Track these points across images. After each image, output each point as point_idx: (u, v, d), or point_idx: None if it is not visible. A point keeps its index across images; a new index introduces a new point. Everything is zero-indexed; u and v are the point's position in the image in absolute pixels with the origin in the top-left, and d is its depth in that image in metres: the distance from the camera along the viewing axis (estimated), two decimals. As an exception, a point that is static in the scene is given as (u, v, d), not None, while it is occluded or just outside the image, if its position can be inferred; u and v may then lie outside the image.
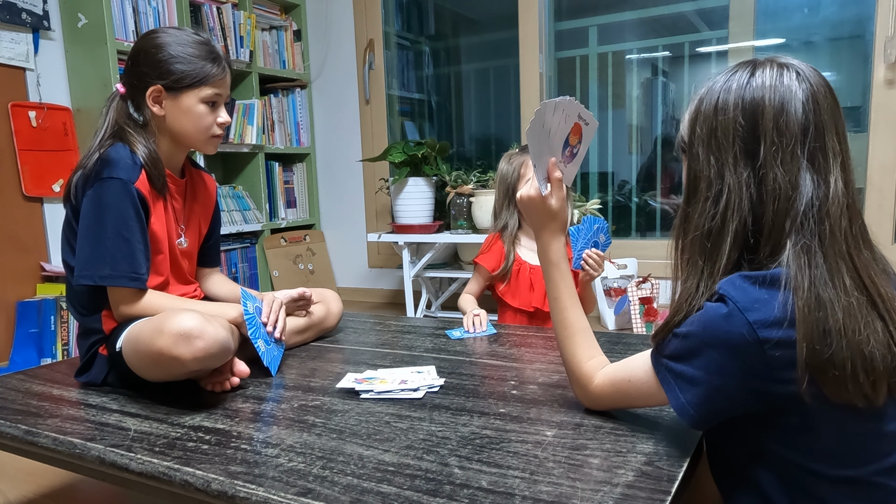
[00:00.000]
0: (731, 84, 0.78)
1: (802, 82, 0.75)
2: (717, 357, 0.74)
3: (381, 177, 3.48)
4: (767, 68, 0.77)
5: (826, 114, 0.74)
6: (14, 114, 2.53)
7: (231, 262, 3.31)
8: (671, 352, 0.79)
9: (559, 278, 1.01)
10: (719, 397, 0.75)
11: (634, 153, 3.25)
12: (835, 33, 2.73)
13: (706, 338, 0.75)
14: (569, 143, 1.02)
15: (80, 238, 1.24)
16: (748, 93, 0.76)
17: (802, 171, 0.73)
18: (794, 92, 0.74)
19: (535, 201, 1.00)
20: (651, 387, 0.83)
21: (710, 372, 0.75)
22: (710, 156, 0.78)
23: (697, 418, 0.77)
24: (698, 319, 0.76)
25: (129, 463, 0.91)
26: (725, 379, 0.74)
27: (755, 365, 0.71)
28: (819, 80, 0.76)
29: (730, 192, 0.76)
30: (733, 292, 0.73)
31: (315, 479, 0.82)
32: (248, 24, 3.26)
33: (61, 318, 2.56)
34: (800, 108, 0.74)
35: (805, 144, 0.74)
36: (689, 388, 0.77)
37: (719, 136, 0.77)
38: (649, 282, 2.72)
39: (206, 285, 1.56)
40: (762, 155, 0.74)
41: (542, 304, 1.74)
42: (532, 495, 0.75)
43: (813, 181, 0.73)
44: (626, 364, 0.89)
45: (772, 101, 0.74)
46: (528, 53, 3.16)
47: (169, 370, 1.12)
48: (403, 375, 1.21)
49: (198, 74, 1.29)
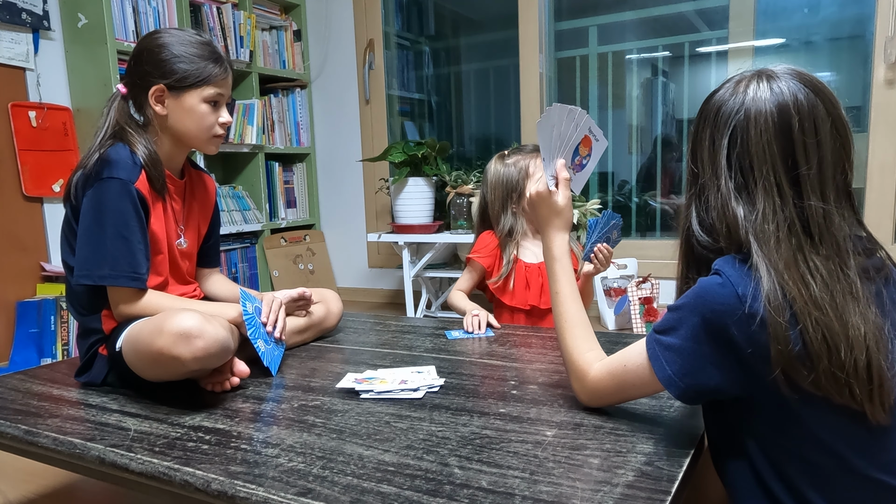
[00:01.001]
0: (724, 92, 0.82)
1: (766, 103, 0.77)
2: (706, 325, 0.76)
3: (381, 177, 3.48)
4: (752, 82, 0.80)
5: (777, 144, 0.76)
6: (14, 114, 2.53)
7: (231, 262, 3.31)
8: (662, 325, 0.82)
9: (562, 273, 1.04)
10: (706, 366, 0.77)
11: (634, 153, 3.25)
12: (835, 33, 2.73)
13: (697, 304, 0.77)
14: (578, 153, 1.08)
15: (80, 238, 1.24)
16: (728, 106, 0.80)
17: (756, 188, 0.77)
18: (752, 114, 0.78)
19: (542, 196, 1.05)
20: (645, 369, 0.84)
21: (697, 341, 0.77)
22: (700, 160, 0.83)
23: (684, 389, 0.79)
24: (692, 291, 0.79)
25: (129, 463, 0.91)
26: (712, 349, 0.76)
27: (740, 336, 0.73)
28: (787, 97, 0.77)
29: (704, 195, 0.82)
30: (728, 269, 0.76)
31: (315, 479, 0.82)
32: (248, 24, 3.26)
33: (61, 318, 2.56)
34: (752, 129, 0.77)
35: (752, 164, 0.78)
36: (676, 359, 0.79)
37: (716, 141, 0.81)
38: (649, 282, 2.72)
39: (206, 285, 1.56)
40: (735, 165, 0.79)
41: (539, 302, 1.73)
42: (532, 495, 0.75)
43: (749, 202, 0.78)
44: (623, 352, 0.90)
45: (745, 117, 0.78)
46: (528, 53, 3.16)
47: (169, 370, 1.12)
48: (403, 375, 1.21)
49: (200, 74, 1.30)
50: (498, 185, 1.75)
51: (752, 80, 0.80)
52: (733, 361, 0.75)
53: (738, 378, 0.76)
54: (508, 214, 1.76)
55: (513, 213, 1.76)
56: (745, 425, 0.79)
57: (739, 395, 0.78)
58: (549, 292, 1.06)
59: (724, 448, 0.84)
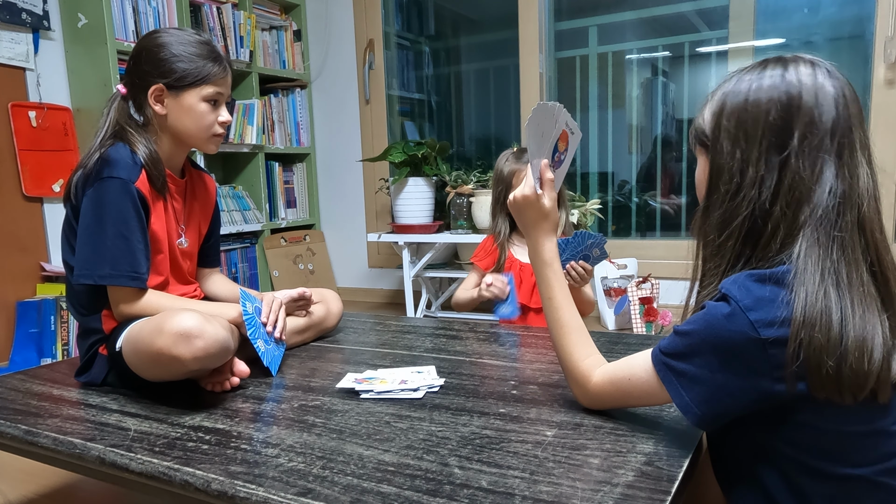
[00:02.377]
0: (762, 79, 0.78)
1: (832, 79, 0.76)
2: (719, 356, 0.74)
3: (381, 177, 3.48)
4: (801, 65, 0.77)
5: (854, 110, 0.76)
6: (14, 114, 2.53)
7: (231, 262, 3.31)
8: (673, 350, 0.80)
9: (552, 277, 1.01)
10: (722, 395, 0.75)
11: (634, 153, 3.25)
12: (835, 33, 2.73)
13: (708, 337, 0.75)
14: (557, 149, 1.04)
15: (81, 237, 1.24)
16: (783, 87, 0.76)
17: (827, 165, 0.74)
18: (826, 88, 0.75)
19: (529, 200, 1.01)
20: (652, 385, 0.83)
21: (712, 370, 0.75)
22: (737, 149, 0.78)
23: (702, 416, 0.77)
24: (700, 318, 0.76)
25: (129, 463, 0.91)
26: (728, 378, 0.74)
27: (757, 364, 0.72)
28: (844, 78, 0.77)
29: (750, 186, 0.77)
30: (736, 291, 0.73)
31: (315, 479, 0.82)
32: (248, 24, 3.26)
33: (61, 318, 2.56)
34: (832, 103, 0.75)
35: (833, 139, 0.74)
36: (692, 386, 0.77)
37: (749, 129, 0.77)
38: (649, 282, 2.72)
39: (206, 285, 1.56)
40: (790, 148, 0.75)
41: (529, 301, 1.75)
42: (532, 495, 0.75)
43: (836, 175, 0.74)
44: (626, 362, 0.88)
45: (808, 96, 0.75)
46: (528, 53, 3.16)
47: (169, 370, 1.12)
48: (403, 375, 1.21)
49: (200, 73, 1.30)
50: (495, 185, 1.80)
51: (792, 63, 0.77)
52: (749, 387, 0.73)
53: (756, 398, 0.74)
54: (502, 215, 1.79)
55: (504, 216, 1.79)
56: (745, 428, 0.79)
57: (755, 411, 0.76)
58: (541, 297, 1.03)
59: (736, 469, 0.83)
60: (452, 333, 1.57)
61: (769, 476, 0.77)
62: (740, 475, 0.81)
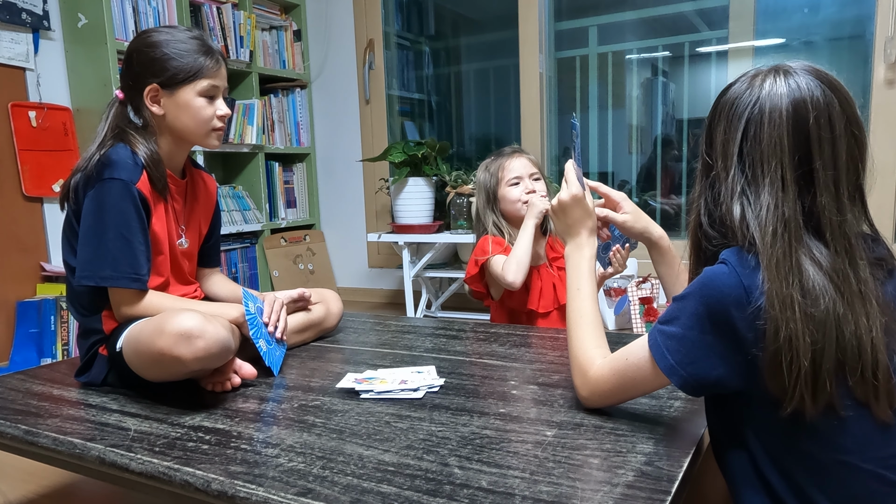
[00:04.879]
0: (739, 86, 0.82)
1: (782, 98, 0.77)
2: (709, 314, 0.76)
3: (381, 177, 3.48)
4: (769, 78, 0.79)
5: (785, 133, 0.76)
6: (14, 114, 2.53)
7: (231, 262, 3.31)
8: (665, 316, 0.82)
9: (588, 271, 1.06)
10: (707, 357, 0.77)
11: (634, 153, 3.25)
12: (835, 33, 2.73)
13: (701, 292, 0.77)
14: None
15: (82, 239, 1.24)
16: (743, 100, 0.79)
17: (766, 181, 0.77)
18: (767, 108, 0.77)
19: (577, 198, 1.08)
20: (647, 362, 0.84)
21: (702, 332, 0.77)
22: (711, 150, 0.83)
23: (686, 378, 0.79)
24: (697, 280, 0.79)
25: (129, 463, 0.91)
26: (715, 340, 0.76)
27: (743, 326, 0.74)
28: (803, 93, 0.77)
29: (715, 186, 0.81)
30: (733, 258, 0.76)
31: (315, 479, 0.82)
32: (248, 24, 3.26)
33: (61, 318, 2.56)
34: (766, 123, 0.77)
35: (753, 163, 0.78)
36: (679, 348, 0.79)
37: (719, 136, 0.82)
38: (649, 282, 2.72)
39: (207, 286, 1.56)
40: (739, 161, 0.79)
41: (537, 306, 1.75)
42: (532, 495, 0.75)
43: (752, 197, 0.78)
44: (626, 347, 0.90)
45: (751, 114, 0.78)
46: (528, 53, 3.16)
47: (169, 370, 1.12)
48: (403, 375, 1.21)
49: (192, 68, 1.29)
50: (480, 191, 1.85)
51: (769, 75, 0.79)
52: (736, 352, 0.75)
53: (741, 370, 0.75)
54: (493, 216, 1.82)
55: (498, 215, 1.81)
56: (746, 418, 0.79)
57: (742, 388, 0.77)
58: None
59: (725, 440, 0.84)
60: (452, 333, 1.57)
61: (766, 465, 0.77)
62: (739, 464, 0.82)
